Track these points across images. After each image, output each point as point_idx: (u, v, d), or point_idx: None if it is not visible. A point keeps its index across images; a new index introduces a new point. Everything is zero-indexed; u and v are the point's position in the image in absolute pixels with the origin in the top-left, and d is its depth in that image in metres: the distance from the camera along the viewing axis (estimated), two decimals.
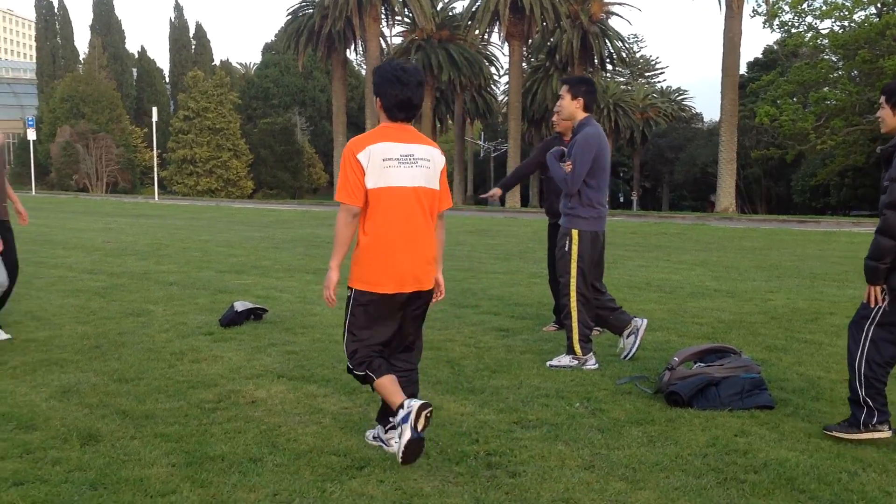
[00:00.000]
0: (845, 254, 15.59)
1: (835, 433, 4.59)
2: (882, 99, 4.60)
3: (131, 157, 62.97)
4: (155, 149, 47.53)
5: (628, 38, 74.83)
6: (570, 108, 6.30)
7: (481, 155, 76.92)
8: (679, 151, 59.35)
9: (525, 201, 58.81)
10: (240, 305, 7.83)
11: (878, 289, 4.44)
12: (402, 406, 3.99)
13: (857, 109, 40.55)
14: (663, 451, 4.36)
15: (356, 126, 65.86)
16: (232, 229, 19.74)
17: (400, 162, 4.13)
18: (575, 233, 6.17)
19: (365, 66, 54.53)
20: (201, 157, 56.69)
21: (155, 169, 48.22)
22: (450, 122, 67.70)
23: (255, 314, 7.90)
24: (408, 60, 4.69)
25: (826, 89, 41.42)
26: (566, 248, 6.21)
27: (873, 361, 4.47)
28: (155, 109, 46.39)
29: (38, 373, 5.86)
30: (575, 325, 6.21)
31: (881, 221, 4.35)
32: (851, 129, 39.62)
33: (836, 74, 42.41)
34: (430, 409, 3.98)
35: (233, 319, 7.62)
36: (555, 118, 7.05)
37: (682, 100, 74.74)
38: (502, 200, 55.51)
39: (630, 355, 6.40)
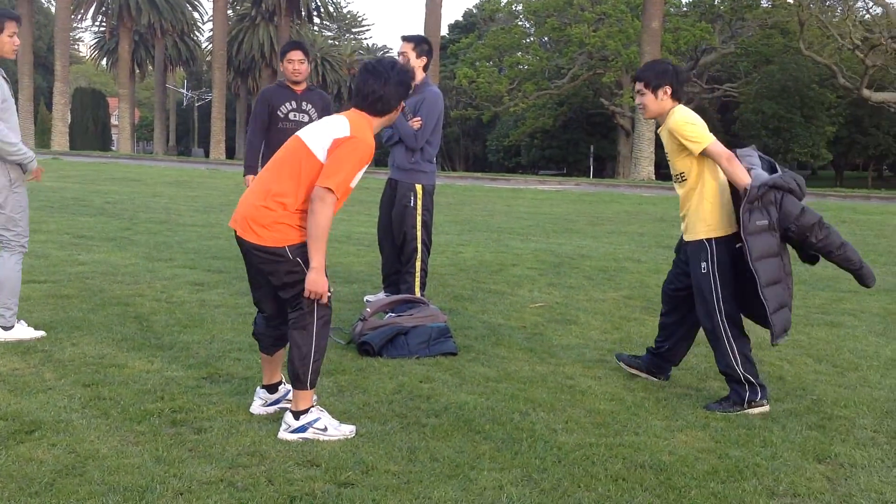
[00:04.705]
0: (529, 210, 16.75)
1: (719, 412, 4.46)
2: (640, 85, 4.47)
3: None
4: None
5: None
6: (414, 65, 6.30)
7: (184, 104, 73.94)
8: None
9: (231, 153, 57.34)
10: None
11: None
12: None
13: (547, 75, 43.43)
14: (352, 400, 4.46)
15: (45, 67, 60.86)
16: None
17: None
18: (419, 187, 6.50)
19: (55, 4, 50.20)
20: None
21: None
22: (150, 68, 64.27)
23: None
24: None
25: (519, 54, 44.00)
26: (412, 204, 6.49)
27: (737, 338, 4.50)
28: None
29: None
30: (419, 273, 6.57)
31: None
32: (541, 93, 42.42)
33: (528, 40, 45.12)
34: None
35: None
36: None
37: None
38: (207, 152, 53.79)
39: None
